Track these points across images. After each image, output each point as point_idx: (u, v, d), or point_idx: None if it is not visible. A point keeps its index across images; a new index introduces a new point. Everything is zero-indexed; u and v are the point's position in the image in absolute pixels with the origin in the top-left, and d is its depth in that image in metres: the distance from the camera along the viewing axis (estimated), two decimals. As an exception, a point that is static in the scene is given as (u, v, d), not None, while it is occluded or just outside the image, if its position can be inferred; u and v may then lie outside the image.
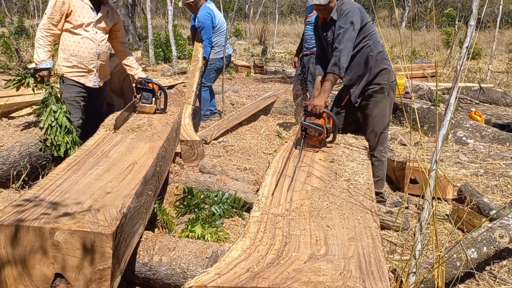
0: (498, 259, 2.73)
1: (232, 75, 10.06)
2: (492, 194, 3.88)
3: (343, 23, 2.96)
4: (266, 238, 1.91)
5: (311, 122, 2.87)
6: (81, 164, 2.49)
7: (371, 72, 3.17)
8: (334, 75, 2.94)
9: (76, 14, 3.36)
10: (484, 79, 10.08)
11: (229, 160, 4.37)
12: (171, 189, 3.41)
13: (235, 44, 15.88)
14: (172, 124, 3.43)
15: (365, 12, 3.10)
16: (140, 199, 2.27)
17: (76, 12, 3.35)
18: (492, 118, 6.51)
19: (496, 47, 11.86)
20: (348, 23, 2.95)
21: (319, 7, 3.05)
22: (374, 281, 1.61)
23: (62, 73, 3.38)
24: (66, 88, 3.34)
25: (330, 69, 2.95)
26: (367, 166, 2.82)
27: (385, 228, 3.14)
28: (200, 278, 1.62)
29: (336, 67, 2.94)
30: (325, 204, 2.24)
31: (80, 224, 1.83)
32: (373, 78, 3.18)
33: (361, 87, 3.22)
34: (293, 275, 1.62)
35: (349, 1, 3.10)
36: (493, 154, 4.87)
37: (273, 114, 6.53)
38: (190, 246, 2.32)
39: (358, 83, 3.22)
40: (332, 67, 2.96)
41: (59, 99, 3.32)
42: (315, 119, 2.90)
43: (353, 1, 3.17)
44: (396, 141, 5.38)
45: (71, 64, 3.40)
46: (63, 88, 3.35)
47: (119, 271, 1.96)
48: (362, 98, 3.25)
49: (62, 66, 3.41)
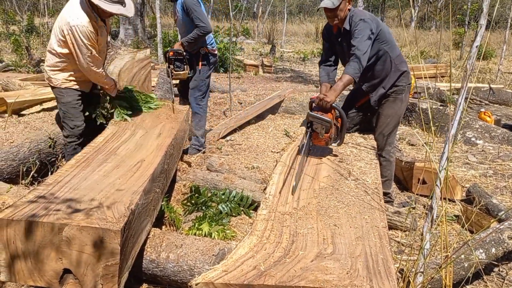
0: (506, 261, 2.71)
1: (240, 74, 10.07)
2: (502, 195, 3.84)
3: (358, 31, 2.91)
4: (273, 236, 1.91)
5: (319, 114, 2.68)
6: (90, 161, 2.51)
7: (391, 76, 3.15)
8: (349, 78, 2.85)
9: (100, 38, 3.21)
10: (494, 80, 9.99)
11: (236, 158, 4.38)
12: (178, 187, 3.43)
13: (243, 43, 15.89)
14: (180, 123, 3.45)
15: (377, 19, 3.07)
16: (148, 196, 2.28)
17: (100, 37, 3.21)
18: (502, 119, 6.44)
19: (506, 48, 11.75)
20: (364, 31, 2.89)
21: (327, 12, 3.01)
22: (381, 280, 1.60)
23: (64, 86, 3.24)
24: (67, 92, 3.22)
25: (347, 72, 2.87)
26: (375, 166, 2.81)
27: (393, 228, 3.12)
28: (207, 275, 1.63)
29: (353, 72, 2.85)
30: (333, 203, 2.24)
31: (89, 220, 1.84)
32: (394, 81, 3.16)
33: (383, 91, 3.18)
34: (300, 273, 1.62)
35: (360, 11, 3.09)
36: (503, 155, 4.83)
37: (280, 113, 6.53)
38: (197, 243, 2.33)
39: (378, 88, 3.20)
40: (350, 69, 2.87)
41: None
42: (322, 113, 2.73)
43: (363, 10, 3.14)
44: (405, 141, 5.35)
45: (73, 78, 3.26)
46: (64, 93, 3.22)
47: (127, 267, 1.97)
48: (381, 99, 3.23)
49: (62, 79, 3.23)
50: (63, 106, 3.27)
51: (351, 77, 2.86)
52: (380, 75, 3.15)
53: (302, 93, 7.12)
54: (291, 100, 6.73)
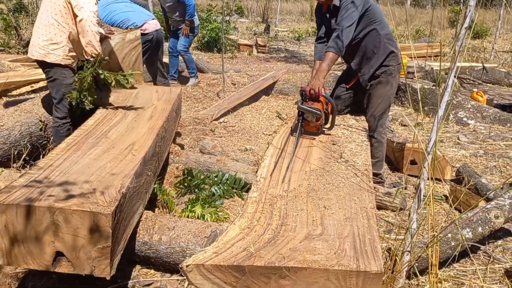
0: (493, 239, 2.77)
1: (234, 54, 9.98)
2: (491, 175, 3.89)
3: (344, 5, 2.92)
4: (263, 218, 1.94)
5: (308, 106, 2.78)
6: (81, 144, 2.51)
7: (380, 55, 3.14)
8: (333, 54, 2.88)
9: None
10: (488, 59, 9.97)
11: (229, 140, 4.39)
12: (171, 169, 3.44)
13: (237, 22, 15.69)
14: (172, 104, 3.44)
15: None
16: (139, 179, 2.29)
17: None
18: (495, 99, 6.47)
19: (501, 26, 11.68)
20: (350, 5, 2.90)
21: None
22: (367, 260, 1.64)
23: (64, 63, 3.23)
24: (69, 73, 3.23)
25: (328, 48, 2.90)
26: (365, 147, 2.83)
27: (383, 208, 3.17)
28: (197, 256, 1.66)
29: (335, 46, 2.87)
30: (323, 185, 2.26)
31: (80, 204, 1.86)
32: (382, 60, 3.16)
33: (372, 71, 3.19)
34: (289, 254, 1.65)
35: None
36: (494, 135, 4.87)
37: (274, 94, 6.51)
38: (189, 225, 2.36)
39: (366, 66, 3.19)
40: (331, 45, 2.90)
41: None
42: (312, 103, 2.83)
43: None
44: (397, 121, 5.37)
45: (73, 54, 3.29)
46: (66, 74, 3.23)
47: (119, 250, 2.00)
48: (370, 79, 3.24)
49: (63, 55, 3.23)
50: (65, 88, 3.25)
51: (334, 53, 2.89)
52: (368, 52, 3.15)
53: (296, 74, 7.08)
54: (285, 81, 6.70)
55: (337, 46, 2.88)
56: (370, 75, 3.20)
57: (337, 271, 1.58)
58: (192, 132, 4.52)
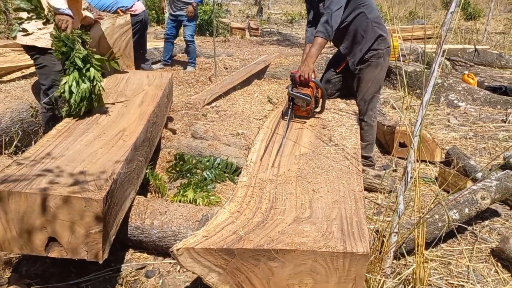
0: (480, 220, 2.83)
1: (226, 37, 9.91)
2: (480, 156, 3.95)
3: None
4: (253, 202, 1.97)
5: (298, 92, 2.82)
6: (71, 131, 2.52)
7: (368, 38, 3.14)
8: (322, 39, 2.89)
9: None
10: (481, 41, 9.98)
11: (221, 125, 4.40)
12: (163, 154, 3.46)
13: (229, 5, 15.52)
14: (163, 90, 3.43)
15: None
16: (130, 165, 2.31)
17: None
18: (486, 81, 6.50)
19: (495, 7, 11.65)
20: None
21: None
22: (354, 241, 1.68)
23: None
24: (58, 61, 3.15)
25: (318, 34, 2.91)
26: (355, 131, 2.86)
27: (373, 190, 3.22)
28: (188, 240, 1.69)
29: (324, 30, 2.88)
30: (312, 169, 2.29)
31: (71, 190, 1.87)
32: (371, 44, 3.16)
33: (360, 55, 3.19)
34: (277, 237, 1.69)
35: None
36: (484, 117, 4.91)
37: (266, 78, 6.50)
38: (181, 210, 2.39)
39: (355, 50, 3.20)
40: (319, 30, 2.90)
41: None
42: (302, 88, 2.86)
43: None
44: (389, 104, 5.40)
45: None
46: (55, 61, 3.10)
47: (111, 234, 2.03)
48: (359, 63, 3.24)
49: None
50: (54, 74, 3.18)
51: (323, 38, 2.91)
52: (357, 36, 3.15)
53: (288, 57, 7.07)
54: (277, 65, 6.69)
55: (325, 31, 2.88)
56: (359, 59, 3.20)
57: (325, 253, 1.62)
58: (184, 117, 4.52)
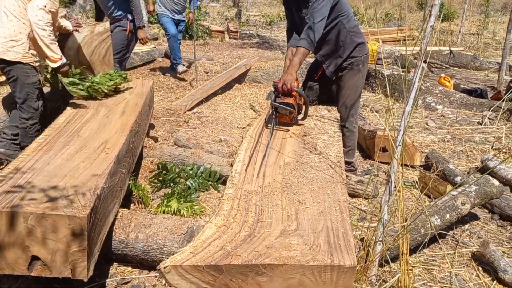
0: (460, 224, 2.89)
1: (205, 41, 9.87)
2: (458, 159, 4.04)
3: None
4: (239, 215, 1.97)
5: (281, 102, 2.85)
6: (52, 144, 2.47)
7: (346, 47, 3.18)
8: (304, 49, 2.91)
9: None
10: (455, 42, 10.21)
11: (203, 131, 4.38)
12: (145, 163, 3.42)
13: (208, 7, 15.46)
14: (145, 98, 3.40)
15: None
16: (113, 178, 2.28)
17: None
18: (462, 83, 6.66)
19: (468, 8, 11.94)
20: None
21: None
22: (341, 254, 1.70)
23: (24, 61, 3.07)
24: (32, 72, 3.09)
25: (301, 43, 2.93)
26: (338, 138, 2.89)
27: (356, 196, 3.26)
28: (175, 257, 1.68)
29: (307, 42, 2.91)
30: (297, 179, 2.30)
31: (54, 207, 1.84)
32: (349, 52, 3.20)
33: (337, 63, 3.23)
34: (265, 251, 1.69)
35: None
36: (460, 120, 5.03)
37: (247, 82, 6.51)
38: (166, 222, 2.37)
39: (332, 58, 3.23)
40: (303, 41, 2.92)
41: None
42: (285, 98, 2.89)
43: None
44: (368, 108, 5.47)
45: (34, 53, 3.14)
46: (29, 73, 3.08)
47: (96, 250, 1.99)
48: (337, 71, 3.28)
49: (23, 53, 3.07)
50: (28, 87, 3.11)
51: (305, 48, 2.93)
52: (334, 45, 3.18)
53: (269, 61, 7.09)
54: (257, 68, 6.70)
55: (308, 41, 2.91)
56: (337, 67, 3.24)
57: (312, 267, 1.63)
58: (165, 123, 4.49)
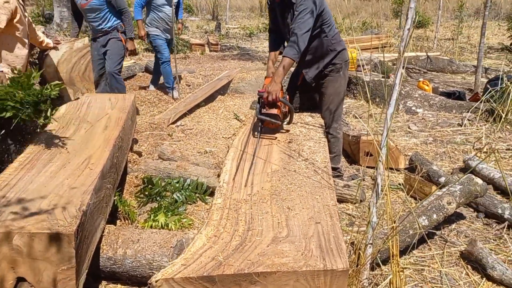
0: (447, 223, 2.93)
1: (186, 54, 9.87)
2: (441, 161, 4.10)
3: (303, 8, 2.94)
4: (229, 224, 1.96)
5: (266, 113, 2.86)
6: (35, 162, 2.42)
7: (327, 55, 3.22)
8: (289, 60, 2.92)
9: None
10: (432, 47, 10.45)
11: (188, 144, 4.36)
12: (130, 178, 3.37)
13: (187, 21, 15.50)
14: (127, 112, 3.36)
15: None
16: (99, 194, 2.24)
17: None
18: (440, 86, 6.80)
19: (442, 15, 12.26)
20: (308, 9, 2.93)
21: None
22: (333, 258, 1.69)
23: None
24: None
25: (286, 53, 2.92)
26: (323, 144, 2.91)
27: (343, 201, 3.27)
28: (166, 270, 1.65)
29: (293, 52, 2.91)
30: (285, 185, 2.30)
31: (39, 226, 1.80)
32: (330, 60, 3.24)
33: (318, 69, 3.26)
34: (257, 260, 1.68)
35: None
36: (441, 122, 5.12)
37: (230, 93, 6.52)
38: (154, 236, 2.34)
39: (312, 64, 3.26)
40: (288, 51, 2.92)
41: None
42: (270, 108, 2.88)
43: None
44: (351, 114, 5.53)
45: (7, 70, 3.02)
46: None
47: (84, 269, 1.95)
48: (318, 77, 3.31)
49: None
50: None
51: (290, 59, 2.94)
52: (315, 52, 3.22)
53: (250, 71, 7.13)
54: (239, 79, 6.72)
55: (293, 52, 2.92)
56: (317, 74, 3.28)
57: (306, 272, 1.62)
58: (149, 137, 4.45)
